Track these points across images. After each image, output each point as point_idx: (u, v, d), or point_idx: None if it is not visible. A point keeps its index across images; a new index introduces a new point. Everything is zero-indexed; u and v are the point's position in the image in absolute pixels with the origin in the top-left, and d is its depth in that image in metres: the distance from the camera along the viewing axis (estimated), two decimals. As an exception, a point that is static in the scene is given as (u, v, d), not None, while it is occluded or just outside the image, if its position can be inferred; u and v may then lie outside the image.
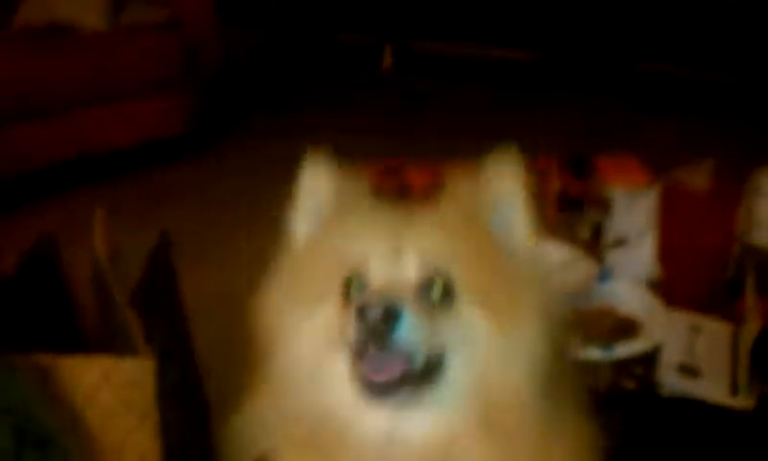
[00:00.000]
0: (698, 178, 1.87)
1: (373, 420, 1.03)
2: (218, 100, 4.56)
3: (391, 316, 0.97)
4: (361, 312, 0.97)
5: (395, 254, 1.04)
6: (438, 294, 1.03)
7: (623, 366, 1.65)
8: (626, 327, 1.72)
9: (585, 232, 2.01)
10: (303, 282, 1.10)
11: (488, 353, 1.02)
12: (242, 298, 1.17)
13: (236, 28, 5.19)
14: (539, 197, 1.93)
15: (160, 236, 1.88)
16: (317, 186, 1.15)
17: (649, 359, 1.65)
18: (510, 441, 1.02)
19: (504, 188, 1.09)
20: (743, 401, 1.57)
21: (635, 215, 1.95)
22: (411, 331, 0.98)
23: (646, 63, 5.13)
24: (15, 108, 3.80)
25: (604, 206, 2.03)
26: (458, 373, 1.02)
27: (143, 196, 3.61)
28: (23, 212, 3.43)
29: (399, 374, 0.99)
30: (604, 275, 1.88)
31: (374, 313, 0.96)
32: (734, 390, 1.59)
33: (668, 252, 1.88)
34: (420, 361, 1.00)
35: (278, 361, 1.10)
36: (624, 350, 1.66)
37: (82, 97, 4.01)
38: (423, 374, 1.01)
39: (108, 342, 1.61)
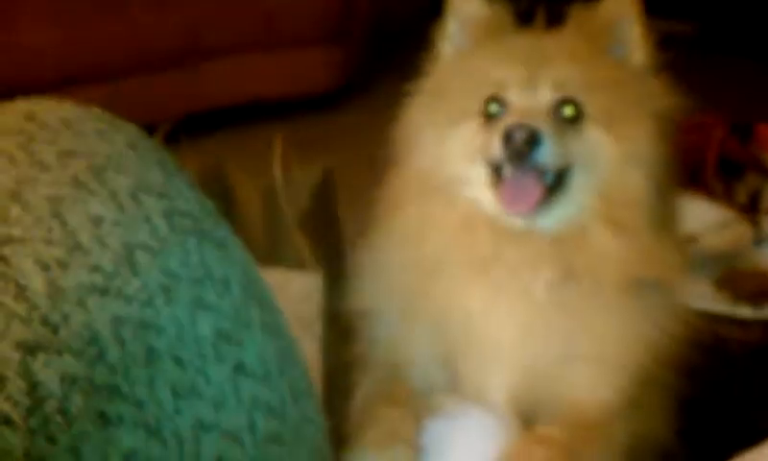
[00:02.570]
0: None
1: (514, 216, 1.16)
2: (372, 50, 4.64)
3: (533, 140, 1.10)
4: (507, 136, 1.10)
5: (530, 78, 1.16)
6: (569, 114, 1.15)
7: (773, 326, 1.67)
8: (778, 290, 1.73)
9: (742, 197, 2.01)
10: (446, 99, 1.23)
11: (611, 163, 1.15)
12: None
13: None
14: (698, 153, 1.96)
15: (325, 172, 1.97)
16: (464, 10, 1.26)
17: (800, 323, 1.66)
18: (631, 233, 1.15)
19: (622, 15, 1.20)
20: None
21: (794, 183, 1.94)
22: (548, 153, 1.11)
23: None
24: (182, 51, 3.98)
25: (763, 173, 2.02)
26: (584, 182, 1.15)
27: (303, 140, 3.74)
28: (200, 144, 3.62)
29: (534, 203, 1.13)
30: (760, 240, 1.88)
31: (519, 137, 1.10)
32: None
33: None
34: (551, 176, 1.13)
35: (423, 166, 1.23)
36: (775, 310, 1.67)
37: (243, 45, 4.14)
38: (553, 186, 1.14)
39: (274, 263, 1.71)
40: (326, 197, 1.94)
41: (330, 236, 1.93)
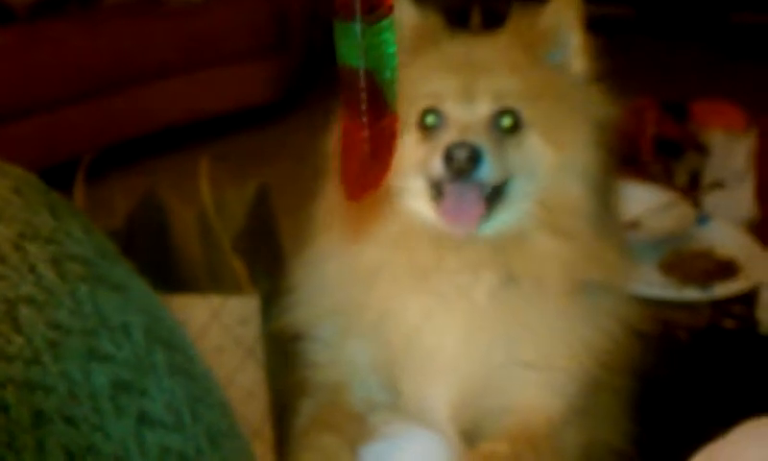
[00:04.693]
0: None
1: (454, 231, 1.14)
2: (308, 61, 4.61)
3: (474, 158, 1.08)
4: (449, 155, 1.08)
5: (468, 89, 1.13)
6: (507, 125, 1.13)
7: (722, 305, 1.64)
8: (725, 268, 1.71)
9: (682, 177, 2.00)
10: None
11: (549, 171, 1.13)
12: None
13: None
14: (634, 137, 1.94)
15: (259, 188, 1.93)
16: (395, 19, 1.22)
17: (748, 299, 1.64)
18: (568, 239, 1.13)
19: (563, 23, 1.18)
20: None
21: (733, 158, 1.93)
22: (489, 169, 1.09)
23: (739, 14, 5.03)
24: (116, 77, 3.91)
25: (702, 151, 2.01)
26: (524, 190, 1.13)
27: (240, 156, 3.70)
28: (131, 172, 3.57)
29: (477, 218, 1.11)
30: (702, 218, 1.86)
31: (460, 155, 1.08)
32: (836, 329, 1.57)
33: (767, 194, 1.86)
34: (490, 186, 1.11)
35: None
36: (723, 289, 1.65)
37: (176, 66, 4.09)
38: (493, 194, 1.12)
39: (213, 287, 1.67)
40: (262, 213, 1.90)
41: (268, 254, 1.89)
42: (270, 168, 3.25)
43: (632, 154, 1.95)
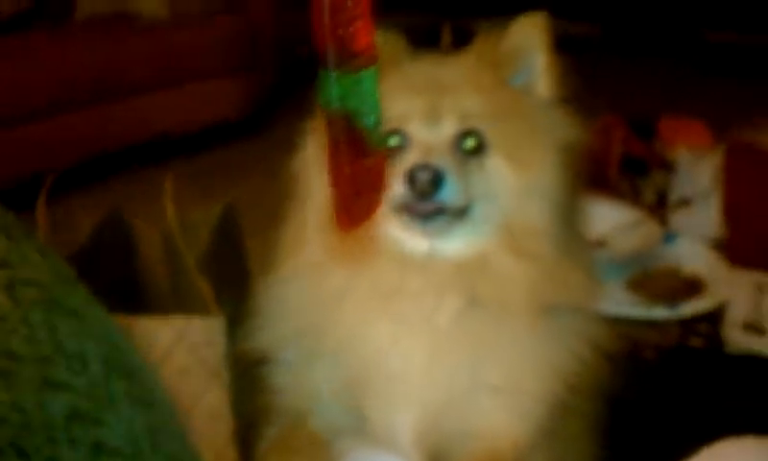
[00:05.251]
0: (763, 136, 1.84)
1: (416, 242, 1.13)
2: (278, 80, 4.60)
3: (437, 180, 1.07)
4: (411, 177, 1.07)
5: (433, 110, 1.13)
6: (470, 146, 1.12)
7: (689, 324, 1.65)
8: (691, 286, 1.72)
9: (649, 195, 2.00)
10: None
11: (513, 194, 1.12)
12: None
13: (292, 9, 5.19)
14: (601, 154, 1.94)
15: (225, 208, 1.91)
16: None
17: (715, 317, 1.65)
18: (533, 261, 1.12)
19: (529, 44, 1.17)
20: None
21: (699, 176, 1.94)
22: (452, 192, 1.08)
23: (713, 32, 5.08)
24: (85, 94, 3.88)
25: (668, 169, 2.02)
26: (487, 212, 1.12)
27: (208, 174, 3.68)
28: (97, 189, 3.54)
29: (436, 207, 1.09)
30: (669, 236, 1.87)
31: (423, 178, 1.07)
32: (801, 348, 1.58)
33: (734, 211, 1.87)
34: (454, 207, 1.10)
35: (324, 201, 1.16)
36: (690, 308, 1.66)
37: (146, 83, 4.07)
38: (456, 213, 1.10)
39: (179, 307, 1.64)
40: (228, 233, 1.88)
41: (234, 276, 1.87)
42: (238, 187, 3.24)
43: (599, 172, 1.95)
